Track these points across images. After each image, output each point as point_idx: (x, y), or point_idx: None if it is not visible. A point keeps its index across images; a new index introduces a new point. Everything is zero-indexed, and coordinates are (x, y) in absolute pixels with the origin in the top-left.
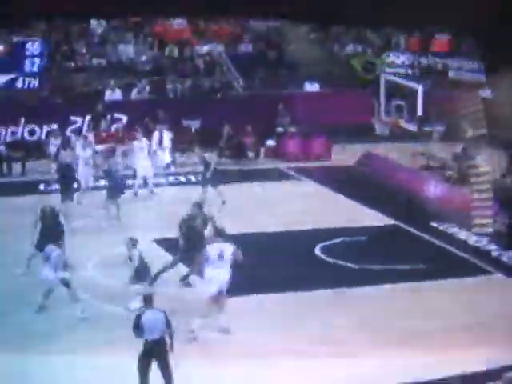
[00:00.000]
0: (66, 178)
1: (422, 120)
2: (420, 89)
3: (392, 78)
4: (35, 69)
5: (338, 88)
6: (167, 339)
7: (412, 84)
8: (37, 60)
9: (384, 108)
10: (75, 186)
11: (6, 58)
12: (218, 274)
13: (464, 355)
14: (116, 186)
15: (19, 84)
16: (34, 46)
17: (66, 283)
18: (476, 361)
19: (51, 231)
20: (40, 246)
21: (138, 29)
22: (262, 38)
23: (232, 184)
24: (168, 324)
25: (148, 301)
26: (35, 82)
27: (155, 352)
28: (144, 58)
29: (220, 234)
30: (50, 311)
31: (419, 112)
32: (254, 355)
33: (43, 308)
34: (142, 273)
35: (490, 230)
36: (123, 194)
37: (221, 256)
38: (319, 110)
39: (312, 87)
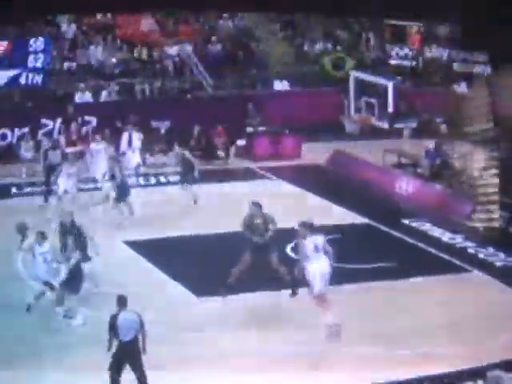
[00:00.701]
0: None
1: (393, 117)
2: (390, 85)
3: (362, 75)
4: (39, 65)
5: (307, 86)
6: (140, 340)
7: (382, 81)
8: (40, 56)
9: (354, 106)
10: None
11: (9, 53)
12: (321, 268)
13: (439, 354)
14: (122, 187)
15: (23, 80)
16: (37, 42)
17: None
18: (451, 360)
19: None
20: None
21: (107, 31)
22: (231, 37)
23: (202, 184)
24: (142, 325)
25: (122, 302)
26: (38, 78)
27: (129, 353)
28: (113, 60)
29: (311, 228)
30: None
31: (390, 109)
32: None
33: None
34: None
35: (465, 226)
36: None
37: (317, 248)
38: (289, 108)
39: (282, 86)
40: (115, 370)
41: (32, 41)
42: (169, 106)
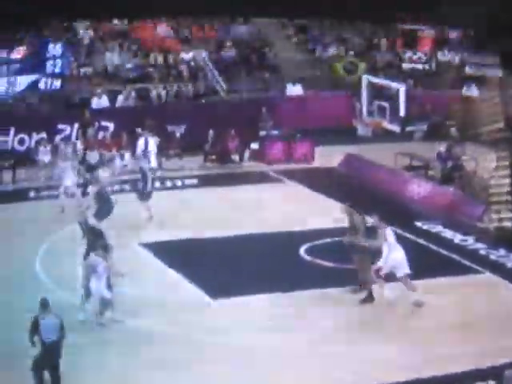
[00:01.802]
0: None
1: (405, 120)
2: (402, 89)
3: (374, 79)
4: (57, 70)
5: (320, 90)
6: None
7: (394, 84)
8: (58, 61)
9: (366, 109)
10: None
11: (28, 59)
12: (401, 257)
13: (452, 354)
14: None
15: (41, 85)
16: (55, 48)
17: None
18: (463, 359)
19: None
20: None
21: (123, 37)
22: (245, 42)
23: (217, 187)
24: (62, 329)
25: (44, 306)
26: (57, 84)
27: (49, 355)
28: (129, 65)
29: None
30: None
31: (402, 112)
32: (243, 356)
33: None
34: None
35: (477, 228)
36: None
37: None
38: (302, 112)
39: (295, 90)
40: (36, 370)
41: (50, 46)
42: (184, 111)
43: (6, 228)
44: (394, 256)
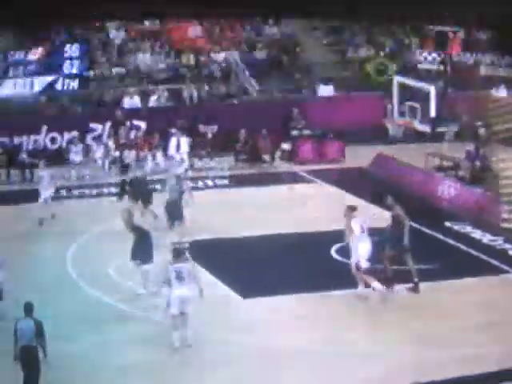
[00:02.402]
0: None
1: (436, 121)
2: (433, 90)
3: (404, 80)
4: (75, 70)
5: (351, 91)
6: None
7: (425, 85)
8: (76, 62)
9: (397, 110)
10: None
11: (45, 59)
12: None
13: (480, 354)
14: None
15: (59, 86)
16: (73, 48)
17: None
18: (491, 360)
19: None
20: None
21: (155, 37)
22: (276, 43)
23: (248, 187)
24: (39, 333)
25: (27, 309)
26: (74, 84)
27: (22, 358)
28: (161, 66)
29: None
30: None
31: (432, 113)
32: (271, 356)
33: None
34: None
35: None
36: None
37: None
38: (333, 113)
39: (326, 91)
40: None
41: (67, 47)
42: (216, 111)
43: (37, 227)
44: (363, 247)
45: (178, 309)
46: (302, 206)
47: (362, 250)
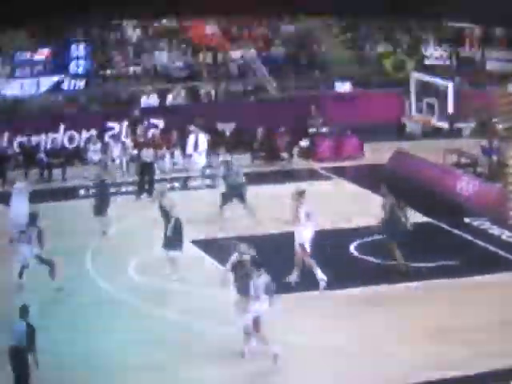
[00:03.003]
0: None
1: (454, 117)
2: (450, 86)
3: (422, 76)
4: (81, 70)
5: (369, 88)
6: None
7: (442, 82)
8: (82, 62)
9: (415, 106)
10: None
11: (52, 60)
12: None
13: (500, 351)
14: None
15: (65, 86)
16: (79, 48)
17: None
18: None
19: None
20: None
21: (172, 36)
22: (294, 40)
23: (266, 185)
24: (30, 338)
25: (23, 311)
26: (81, 84)
27: (16, 359)
28: (178, 64)
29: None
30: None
31: (450, 109)
32: (292, 353)
33: None
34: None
35: None
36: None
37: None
38: (351, 109)
39: (343, 88)
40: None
41: (73, 47)
42: (233, 109)
43: (56, 226)
44: (307, 234)
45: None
46: (320, 203)
47: (305, 237)
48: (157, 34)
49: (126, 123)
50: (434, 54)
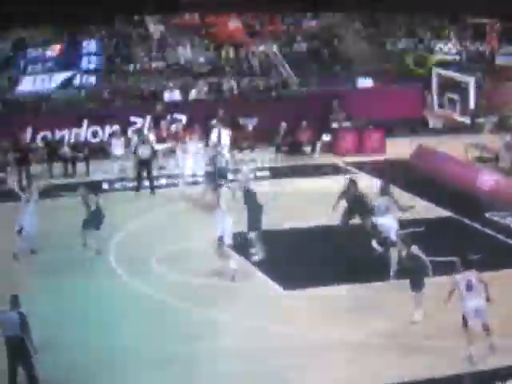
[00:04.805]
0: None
1: (476, 112)
2: (472, 81)
3: (444, 71)
4: (92, 66)
5: (390, 83)
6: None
7: (464, 77)
8: (93, 58)
9: (437, 101)
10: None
11: (63, 56)
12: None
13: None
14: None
15: (77, 81)
16: (90, 44)
17: None
18: None
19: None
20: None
21: (195, 31)
22: (315, 36)
23: (289, 179)
24: (22, 328)
25: (13, 302)
26: (92, 80)
27: (14, 350)
28: (201, 59)
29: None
30: None
31: (472, 105)
32: (309, 348)
33: None
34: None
35: None
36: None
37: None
38: (373, 105)
39: (365, 83)
40: (8, 363)
41: (85, 43)
42: (256, 104)
43: (79, 220)
44: (228, 223)
45: (475, 320)
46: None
47: (226, 226)
48: (180, 29)
49: (149, 118)
50: (454, 49)
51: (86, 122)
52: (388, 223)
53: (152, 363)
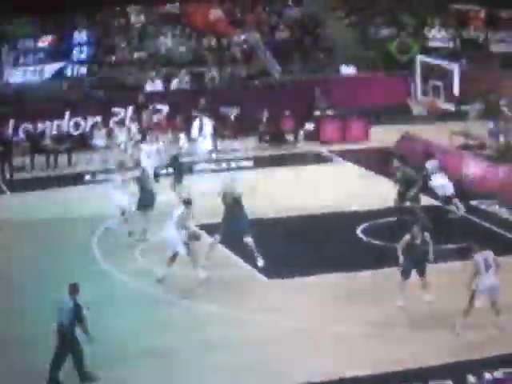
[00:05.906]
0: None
1: (459, 99)
2: (456, 68)
3: (427, 58)
4: (83, 56)
5: (374, 71)
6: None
7: (448, 64)
8: (84, 48)
9: (421, 89)
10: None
11: (54, 47)
12: None
13: (507, 336)
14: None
15: (68, 72)
16: (81, 35)
17: None
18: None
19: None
20: None
21: (176, 21)
22: (298, 24)
23: (272, 168)
24: (78, 317)
25: (71, 291)
26: (83, 70)
27: (66, 341)
28: (182, 49)
29: None
30: None
31: (456, 92)
32: (296, 336)
33: None
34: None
35: None
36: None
37: None
38: (356, 92)
39: (348, 71)
40: (56, 351)
41: (76, 34)
42: (238, 93)
43: (62, 212)
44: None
45: (489, 297)
46: (327, 186)
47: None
48: (161, 19)
49: (130, 109)
50: (438, 35)
51: (67, 114)
52: (444, 182)
53: (135, 356)
